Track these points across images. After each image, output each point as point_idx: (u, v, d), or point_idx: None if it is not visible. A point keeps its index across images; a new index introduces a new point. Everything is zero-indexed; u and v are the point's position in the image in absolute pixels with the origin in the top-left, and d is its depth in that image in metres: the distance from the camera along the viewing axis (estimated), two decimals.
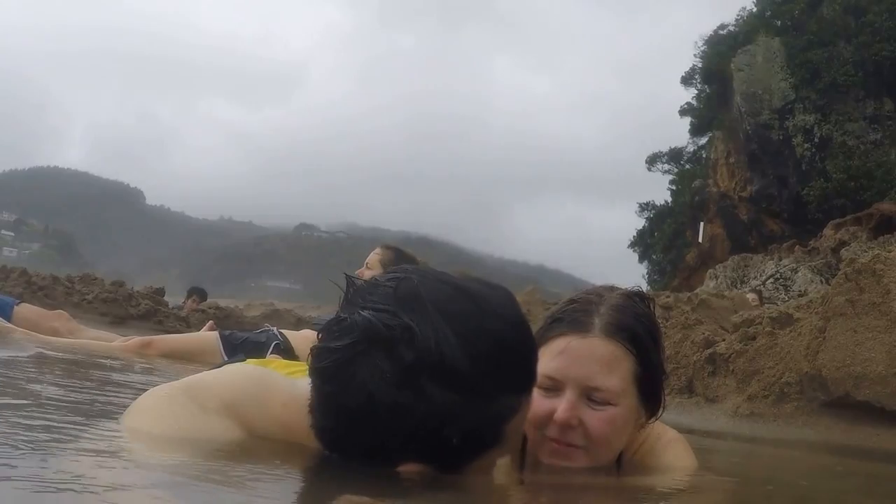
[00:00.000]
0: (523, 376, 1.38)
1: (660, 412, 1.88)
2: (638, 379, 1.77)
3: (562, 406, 1.72)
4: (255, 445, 1.39)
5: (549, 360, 1.75)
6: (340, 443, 1.35)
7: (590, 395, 1.74)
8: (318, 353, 1.34)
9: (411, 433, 1.27)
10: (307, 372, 1.40)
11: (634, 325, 1.79)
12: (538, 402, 1.75)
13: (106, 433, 1.45)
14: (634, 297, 1.88)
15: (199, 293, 12.14)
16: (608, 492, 1.80)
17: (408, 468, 1.32)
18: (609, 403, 1.74)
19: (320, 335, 1.35)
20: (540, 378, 1.76)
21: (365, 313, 1.29)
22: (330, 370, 1.30)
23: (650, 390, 1.82)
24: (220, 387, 1.44)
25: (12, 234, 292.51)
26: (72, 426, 1.51)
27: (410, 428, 1.27)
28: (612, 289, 1.91)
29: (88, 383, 2.82)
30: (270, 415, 1.42)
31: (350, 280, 1.38)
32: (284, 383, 1.50)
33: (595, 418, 1.73)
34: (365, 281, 1.38)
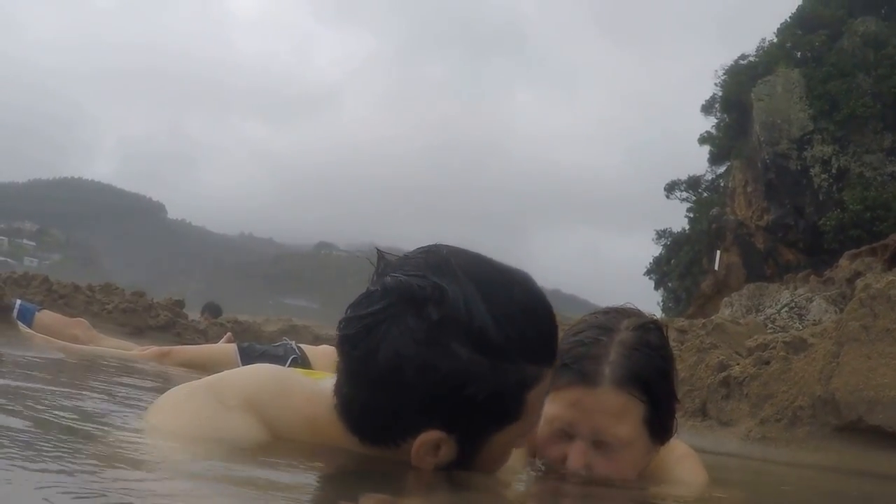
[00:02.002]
0: (546, 348, 1.39)
1: (670, 438, 1.91)
2: (648, 421, 1.80)
3: (572, 455, 1.77)
4: (274, 444, 1.38)
5: (559, 408, 1.79)
6: (363, 414, 1.35)
7: (600, 444, 1.78)
8: (347, 322, 1.35)
9: (436, 392, 1.28)
10: (332, 368, 1.41)
11: (645, 370, 1.79)
12: (551, 445, 1.81)
13: (128, 432, 1.45)
14: (647, 330, 1.85)
15: (210, 309, 12.15)
16: (616, 499, 1.83)
17: (429, 436, 1.33)
18: (619, 450, 1.78)
19: (348, 308, 1.36)
20: (551, 422, 1.81)
21: (396, 275, 1.31)
22: (360, 335, 1.31)
23: (661, 426, 1.85)
24: (242, 383, 1.45)
25: (34, 243, 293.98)
26: (93, 427, 1.50)
27: (435, 386, 1.28)
28: (622, 315, 1.89)
29: (106, 386, 2.85)
30: (294, 409, 1.42)
31: (381, 254, 1.40)
32: (306, 381, 1.50)
33: (605, 464, 1.78)
34: (396, 256, 1.40)
